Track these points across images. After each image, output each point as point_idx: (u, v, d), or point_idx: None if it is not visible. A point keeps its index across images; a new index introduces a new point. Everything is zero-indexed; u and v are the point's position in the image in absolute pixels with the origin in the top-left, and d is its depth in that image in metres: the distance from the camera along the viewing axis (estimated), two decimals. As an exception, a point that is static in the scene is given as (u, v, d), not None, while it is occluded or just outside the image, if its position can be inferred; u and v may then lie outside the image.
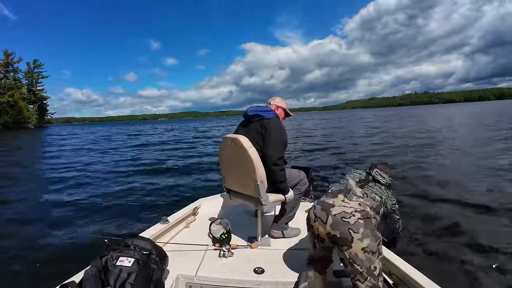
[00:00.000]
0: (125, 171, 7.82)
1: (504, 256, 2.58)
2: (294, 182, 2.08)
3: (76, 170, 8.28)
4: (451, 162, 7.03)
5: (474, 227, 3.20)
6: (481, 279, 2.29)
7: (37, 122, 56.44)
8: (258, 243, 1.94)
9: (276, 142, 1.85)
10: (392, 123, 25.41)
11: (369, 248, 1.26)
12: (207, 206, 2.73)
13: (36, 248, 3.12)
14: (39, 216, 4.22)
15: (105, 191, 5.68)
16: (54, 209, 4.54)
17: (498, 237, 2.95)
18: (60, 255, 2.92)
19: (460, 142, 10.55)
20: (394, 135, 14.51)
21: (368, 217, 1.33)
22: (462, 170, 6.04)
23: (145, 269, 1.28)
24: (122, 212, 4.28)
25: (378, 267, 1.28)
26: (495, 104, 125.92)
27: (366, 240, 1.27)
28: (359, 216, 1.31)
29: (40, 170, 8.63)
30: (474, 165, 6.48)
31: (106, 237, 1.50)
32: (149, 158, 10.49)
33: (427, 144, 10.22)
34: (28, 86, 57.67)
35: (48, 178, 7.27)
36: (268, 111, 2.00)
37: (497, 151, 7.98)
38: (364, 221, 1.30)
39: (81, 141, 21.69)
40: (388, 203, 1.53)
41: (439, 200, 4.15)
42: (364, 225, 1.29)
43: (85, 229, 3.64)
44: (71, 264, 2.69)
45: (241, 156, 1.80)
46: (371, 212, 1.37)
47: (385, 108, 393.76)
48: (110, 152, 12.64)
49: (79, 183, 6.52)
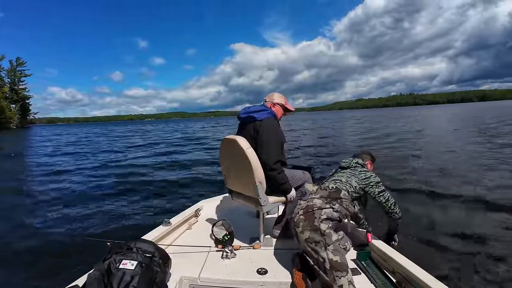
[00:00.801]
0: (125, 173, 7.83)
1: (508, 251, 2.57)
2: (297, 184, 2.03)
3: (76, 172, 8.29)
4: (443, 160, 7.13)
5: (478, 223, 3.19)
6: (485, 275, 2.28)
7: (19, 122, 55.03)
8: (260, 244, 1.94)
9: (268, 146, 1.79)
10: (380, 124, 26.07)
11: (310, 239, 1.41)
12: (209, 208, 2.73)
13: (38, 252, 3.12)
14: (40, 220, 4.22)
15: (107, 194, 5.68)
16: (55, 212, 4.55)
17: (501, 232, 2.93)
18: (63, 259, 2.91)
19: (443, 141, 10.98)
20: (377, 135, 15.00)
21: (309, 211, 1.52)
22: (456, 167, 6.07)
23: (148, 271, 1.28)
24: (125, 215, 4.28)
25: (328, 259, 1.34)
26: (476, 105, 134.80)
27: (306, 232, 1.44)
28: (301, 213, 1.54)
29: (34, 172, 8.64)
30: (467, 161, 6.56)
31: (108, 240, 1.49)
32: (149, 159, 10.50)
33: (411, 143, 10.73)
34: (11, 85, 56.26)
35: (48, 180, 7.28)
36: (261, 111, 1.93)
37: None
38: (304, 216, 1.51)
39: (75, 141, 21.70)
40: (357, 182, 1.73)
41: (439, 196, 4.14)
42: (304, 219, 1.50)
43: (87, 232, 3.64)
44: (74, 268, 2.71)
45: (239, 157, 1.80)
46: (317, 204, 1.54)
47: (371, 109, 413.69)
48: (109, 153, 12.65)
49: (79, 185, 6.53)
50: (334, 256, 1.36)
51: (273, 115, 1.97)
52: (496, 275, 2.28)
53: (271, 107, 2.03)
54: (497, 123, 18.04)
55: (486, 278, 2.26)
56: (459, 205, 3.83)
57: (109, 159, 11.25)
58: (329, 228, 1.47)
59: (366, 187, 1.74)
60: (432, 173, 5.71)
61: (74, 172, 8.68)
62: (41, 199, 5.54)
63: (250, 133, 1.89)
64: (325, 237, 1.41)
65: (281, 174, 1.84)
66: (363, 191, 1.74)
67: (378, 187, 1.74)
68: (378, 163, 2.17)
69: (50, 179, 7.67)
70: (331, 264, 1.34)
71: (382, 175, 5.60)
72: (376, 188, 1.74)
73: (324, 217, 1.50)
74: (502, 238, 2.84)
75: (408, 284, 1.43)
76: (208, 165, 8.55)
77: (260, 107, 2.00)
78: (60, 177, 7.92)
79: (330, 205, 1.59)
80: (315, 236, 1.42)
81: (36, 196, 5.80)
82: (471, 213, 3.54)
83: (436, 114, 45.63)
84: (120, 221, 3.98)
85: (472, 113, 36.73)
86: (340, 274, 1.31)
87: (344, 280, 1.30)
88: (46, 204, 5.18)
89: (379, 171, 2.10)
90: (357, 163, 1.91)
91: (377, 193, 1.73)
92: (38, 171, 8.92)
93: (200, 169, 8.05)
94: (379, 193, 1.73)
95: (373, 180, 1.76)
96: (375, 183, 1.75)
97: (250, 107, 2.01)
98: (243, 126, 2.00)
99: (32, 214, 4.61)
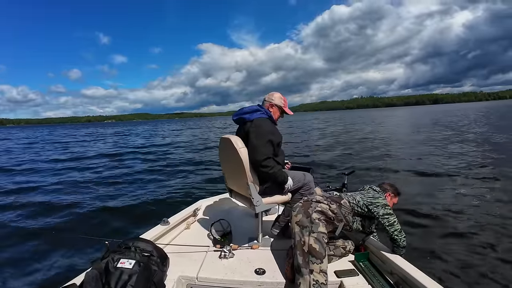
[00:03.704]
0: (124, 174, 7.82)
1: (504, 253, 2.58)
2: (298, 185, 1.98)
3: (75, 173, 8.27)
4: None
5: (473, 224, 3.21)
6: (481, 277, 2.29)
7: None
8: (259, 244, 1.94)
9: (256, 145, 1.74)
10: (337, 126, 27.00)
11: (300, 222, 1.56)
12: (208, 207, 2.73)
13: (36, 251, 3.11)
14: (40, 219, 4.21)
15: (105, 193, 5.67)
16: (54, 212, 4.53)
17: (498, 234, 2.95)
18: (60, 258, 2.91)
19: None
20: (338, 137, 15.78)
21: (307, 201, 1.69)
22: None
23: (146, 271, 1.28)
24: (123, 214, 4.27)
25: (307, 244, 1.45)
26: (428, 108, 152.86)
27: (299, 215, 1.59)
28: (301, 202, 1.71)
29: (33, 171, 8.63)
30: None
31: (106, 239, 1.49)
32: (148, 159, 10.49)
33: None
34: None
35: (46, 180, 7.26)
36: (253, 112, 1.89)
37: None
38: (302, 203, 1.68)
39: (68, 142, 21.65)
40: (362, 198, 1.73)
41: (430, 199, 4.15)
42: (301, 206, 1.66)
43: (86, 231, 3.63)
44: (72, 267, 2.71)
45: (234, 156, 1.80)
46: (317, 198, 1.69)
47: (334, 111, 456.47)
48: (109, 154, 12.63)
49: (79, 185, 6.51)
50: (314, 243, 1.45)
51: (268, 116, 1.92)
52: (493, 276, 2.29)
53: (268, 107, 1.99)
54: (435, 124, 20.59)
55: (482, 279, 2.27)
56: (458, 205, 3.85)
57: (108, 159, 11.22)
58: (320, 219, 1.56)
59: (371, 205, 1.67)
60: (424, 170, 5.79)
61: (71, 172, 8.66)
62: (40, 198, 5.53)
63: (242, 134, 1.89)
64: (313, 225, 1.52)
65: (273, 170, 1.77)
66: (367, 208, 1.68)
67: (385, 209, 1.65)
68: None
69: (48, 180, 7.63)
70: (309, 248, 1.44)
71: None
72: (382, 209, 1.65)
73: (318, 209, 1.62)
74: (501, 239, 2.85)
75: (405, 285, 1.44)
76: (208, 165, 8.55)
77: (255, 107, 1.96)
78: (58, 176, 7.90)
79: (328, 203, 1.67)
80: (305, 220, 1.55)
81: (34, 195, 5.78)
82: (471, 212, 3.55)
83: (392, 115, 49.20)
84: (118, 220, 3.97)
85: (427, 115, 39.77)
86: (314, 260, 1.41)
87: (316, 266, 1.39)
88: (45, 203, 5.17)
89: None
90: (370, 188, 1.84)
91: (381, 214, 1.64)
92: (33, 172, 8.88)
93: (200, 168, 8.05)
94: (384, 215, 1.63)
95: (381, 202, 1.68)
96: (382, 205, 1.66)
97: (244, 108, 1.97)
98: (239, 127, 2.01)
99: (30, 213, 4.60)
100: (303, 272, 1.39)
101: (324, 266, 1.40)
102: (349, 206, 1.70)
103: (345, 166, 7.07)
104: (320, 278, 1.36)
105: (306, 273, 1.38)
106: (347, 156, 8.90)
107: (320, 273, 1.38)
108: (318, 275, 1.37)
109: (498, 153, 7.57)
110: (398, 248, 1.62)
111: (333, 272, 1.55)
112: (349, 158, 8.51)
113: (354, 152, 9.49)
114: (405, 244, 1.63)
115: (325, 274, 1.39)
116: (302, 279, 1.38)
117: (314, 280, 1.35)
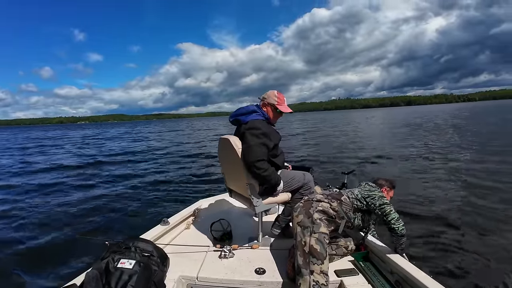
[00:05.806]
0: (124, 174, 7.81)
1: (503, 251, 2.59)
2: (298, 185, 1.96)
3: (74, 173, 8.27)
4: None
5: (473, 224, 3.21)
6: (481, 276, 2.29)
7: None
8: (259, 244, 1.94)
9: (249, 147, 1.72)
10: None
11: (301, 223, 1.56)
12: (208, 207, 2.73)
13: (36, 251, 3.11)
14: (39, 219, 4.20)
15: (105, 193, 5.67)
16: (54, 212, 4.53)
17: (498, 234, 2.95)
18: (60, 258, 2.91)
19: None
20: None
21: (308, 201, 1.69)
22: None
23: (146, 271, 1.28)
24: (123, 214, 4.27)
25: (308, 244, 1.45)
26: (402, 109, 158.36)
27: (300, 216, 1.59)
28: (302, 202, 1.72)
29: (33, 172, 8.62)
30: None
31: (107, 239, 1.49)
32: (147, 159, 10.48)
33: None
34: None
35: (46, 180, 7.25)
36: (248, 114, 1.86)
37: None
38: (303, 203, 1.69)
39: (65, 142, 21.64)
40: (360, 192, 1.76)
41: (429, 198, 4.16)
42: (302, 206, 1.66)
43: (86, 231, 3.63)
44: (72, 267, 2.70)
45: (233, 156, 1.80)
46: (317, 197, 1.70)
47: (312, 112, 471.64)
48: (108, 154, 12.62)
49: (78, 185, 6.51)
50: (315, 244, 1.45)
51: (264, 117, 1.88)
52: (492, 275, 2.29)
53: (262, 107, 1.94)
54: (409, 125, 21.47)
55: (482, 278, 2.27)
56: (457, 205, 3.85)
57: (107, 159, 11.21)
58: (321, 220, 1.56)
59: (368, 198, 1.70)
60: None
61: (71, 172, 8.65)
62: (41, 199, 5.52)
63: (238, 136, 1.86)
64: (314, 225, 1.52)
65: (266, 173, 1.75)
66: (365, 201, 1.71)
67: (381, 200, 1.68)
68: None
69: (48, 179, 7.63)
70: (310, 249, 1.44)
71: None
72: (378, 201, 1.68)
73: (320, 208, 1.61)
74: (500, 239, 2.85)
75: (406, 284, 1.44)
76: (207, 165, 8.54)
77: (252, 107, 1.93)
78: (58, 176, 7.89)
79: (329, 201, 1.68)
80: (306, 221, 1.55)
81: (35, 196, 5.78)
82: (470, 213, 3.55)
83: (371, 115, 51.27)
84: (118, 220, 3.97)
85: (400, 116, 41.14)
86: (315, 261, 1.40)
87: (317, 267, 1.38)
88: (45, 203, 5.17)
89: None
90: (367, 184, 1.87)
91: (377, 205, 1.67)
92: (33, 172, 8.86)
93: (199, 168, 8.05)
94: (381, 205, 1.66)
95: (378, 194, 1.71)
96: (378, 197, 1.69)
97: (241, 108, 1.94)
98: (236, 128, 1.99)
99: (30, 213, 4.60)
100: (303, 273, 1.39)
101: (325, 267, 1.40)
102: (349, 202, 1.71)
103: (344, 166, 7.07)
104: (320, 279, 1.36)
105: (307, 273, 1.38)
106: (342, 156, 8.87)
107: (320, 274, 1.38)
108: (318, 276, 1.37)
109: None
110: (398, 238, 1.61)
111: (333, 272, 1.55)
112: (344, 158, 8.49)
113: (347, 152, 9.53)
114: (404, 233, 1.61)
115: (326, 275, 1.39)
116: (302, 279, 1.38)
117: (314, 281, 1.35)
